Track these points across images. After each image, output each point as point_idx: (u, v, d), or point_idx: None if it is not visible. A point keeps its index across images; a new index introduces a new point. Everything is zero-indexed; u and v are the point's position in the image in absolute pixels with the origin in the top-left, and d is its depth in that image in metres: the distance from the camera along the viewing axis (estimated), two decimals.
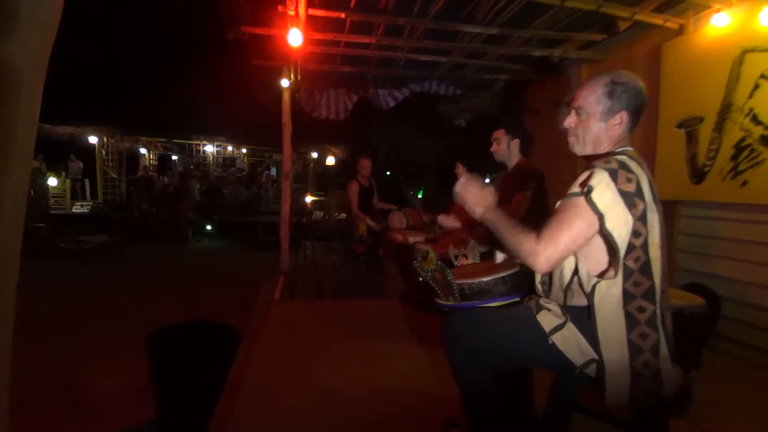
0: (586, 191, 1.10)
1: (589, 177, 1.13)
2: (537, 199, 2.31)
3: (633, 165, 1.14)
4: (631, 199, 1.09)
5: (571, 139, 1.33)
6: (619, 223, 1.08)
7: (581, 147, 1.31)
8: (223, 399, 2.01)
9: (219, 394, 2.06)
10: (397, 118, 9.71)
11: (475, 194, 1.30)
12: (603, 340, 1.15)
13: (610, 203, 1.08)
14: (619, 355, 1.14)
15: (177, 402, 2.49)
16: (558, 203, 1.22)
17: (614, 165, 1.12)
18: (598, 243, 1.15)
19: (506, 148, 2.48)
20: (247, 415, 1.88)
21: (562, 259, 1.15)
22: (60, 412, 2.32)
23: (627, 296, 1.13)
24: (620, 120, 1.23)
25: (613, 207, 1.08)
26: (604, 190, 1.09)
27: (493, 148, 2.53)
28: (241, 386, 2.11)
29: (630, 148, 1.24)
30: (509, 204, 2.32)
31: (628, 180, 1.10)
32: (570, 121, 1.31)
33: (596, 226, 1.10)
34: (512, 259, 1.30)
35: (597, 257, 1.17)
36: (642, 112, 1.26)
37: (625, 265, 1.12)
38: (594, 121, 1.26)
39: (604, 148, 1.27)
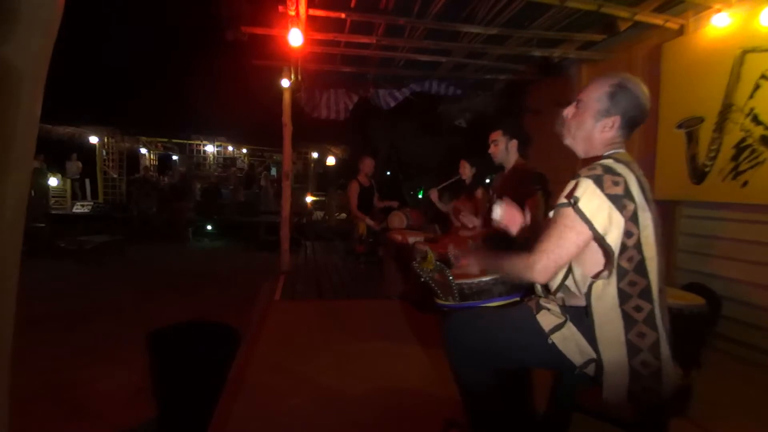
0: (573, 202, 1.12)
1: (574, 187, 1.14)
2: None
3: (619, 167, 1.14)
4: (620, 201, 1.10)
5: (563, 130, 1.34)
6: (610, 226, 1.10)
7: (570, 140, 1.33)
8: (223, 399, 2.01)
9: (219, 394, 2.06)
10: (398, 118, 9.70)
11: (473, 259, 1.48)
12: (601, 340, 1.15)
13: (597, 209, 1.10)
14: (618, 355, 1.14)
15: (177, 402, 2.49)
16: (550, 214, 1.23)
17: (599, 171, 1.13)
18: (593, 246, 1.16)
19: (504, 149, 2.48)
20: (247, 415, 1.88)
21: (558, 267, 1.16)
22: (60, 412, 2.32)
23: (623, 296, 1.13)
24: (612, 124, 1.23)
25: (600, 212, 1.10)
26: (590, 197, 1.10)
27: (491, 150, 2.53)
28: (241, 386, 2.11)
29: (621, 151, 1.24)
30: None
31: (615, 183, 1.11)
32: (568, 111, 1.32)
33: (587, 234, 1.12)
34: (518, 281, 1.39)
35: (592, 259, 1.18)
36: (637, 125, 1.25)
37: (619, 265, 1.13)
38: (588, 118, 1.26)
39: (594, 149, 1.27)
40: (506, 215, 1.46)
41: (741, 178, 2.59)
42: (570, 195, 1.14)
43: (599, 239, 1.11)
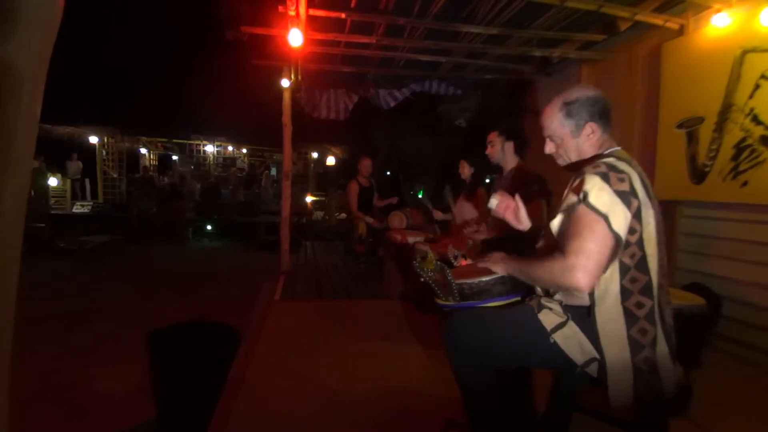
0: (582, 197, 1.12)
1: (581, 183, 1.14)
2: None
3: (622, 165, 1.16)
4: (627, 197, 1.10)
5: (558, 159, 1.40)
6: (622, 221, 1.10)
7: (568, 161, 1.37)
8: (223, 399, 2.01)
9: (219, 394, 2.06)
10: (398, 118, 9.70)
11: (499, 265, 1.40)
12: (604, 338, 1.15)
13: (610, 203, 1.09)
14: (621, 353, 1.14)
15: (177, 402, 2.49)
16: (560, 213, 1.22)
17: (603, 168, 1.14)
18: None
19: (500, 150, 2.49)
20: (247, 415, 1.88)
21: (600, 268, 1.08)
22: (60, 412, 2.33)
23: (625, 292, 1.14)
24: (591, 130, 1.28)
25: (614, 206, 1.09)
26: (599, 193, 1.10)
27: (488, 150, 2.55)
28: (241, 386, 2.11)
29: (617, 148, 1.26)
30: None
31: (621, 180, 1.12)
32: (549, 148, 1.39)
33: (605, 227, 1.09)
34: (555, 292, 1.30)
35: None
36: (609, 114, 1.29)
37: (621, 262, 1.13)
38: (569, 141, 1.32)
39: (589, 154, 1.31)
40: (501, 204, 1.55)
41: (741, 178, 2.59)
42: (578, 190, 1.14)
43: (615, 235, 1.09)
